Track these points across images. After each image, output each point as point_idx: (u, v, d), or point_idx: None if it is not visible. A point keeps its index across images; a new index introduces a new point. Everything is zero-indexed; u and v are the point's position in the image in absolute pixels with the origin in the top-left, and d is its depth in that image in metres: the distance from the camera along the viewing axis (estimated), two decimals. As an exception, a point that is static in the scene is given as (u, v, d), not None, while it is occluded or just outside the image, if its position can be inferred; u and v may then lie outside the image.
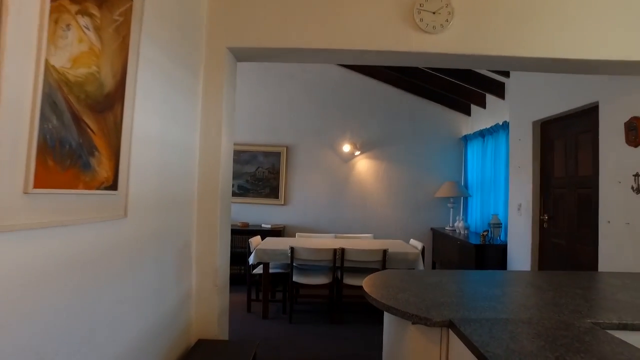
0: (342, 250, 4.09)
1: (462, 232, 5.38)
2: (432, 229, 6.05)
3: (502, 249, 4.43)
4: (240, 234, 5.61)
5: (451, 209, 5.90)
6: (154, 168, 1.77)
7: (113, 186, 1.36)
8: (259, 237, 4.81)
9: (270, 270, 4.37)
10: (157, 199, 1.82)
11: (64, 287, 1.20)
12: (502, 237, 4.64)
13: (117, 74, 1.32)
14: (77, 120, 1.11)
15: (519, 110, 4.10)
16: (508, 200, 4.40)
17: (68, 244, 1.19)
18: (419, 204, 6.13)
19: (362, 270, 4.36)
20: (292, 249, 4.07)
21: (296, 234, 5.16)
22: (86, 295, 1.33)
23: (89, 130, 1.17)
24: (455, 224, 5.54)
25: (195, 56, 2.28)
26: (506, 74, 4.35)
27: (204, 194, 2.32)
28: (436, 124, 6.17)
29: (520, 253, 4.00)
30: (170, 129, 1.96)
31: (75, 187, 1.14)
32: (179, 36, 2.04)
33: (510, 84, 4.31)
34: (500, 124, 4.80)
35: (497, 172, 4.90)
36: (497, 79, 4.90)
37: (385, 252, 4.09)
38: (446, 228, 5.84)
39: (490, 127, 5.08)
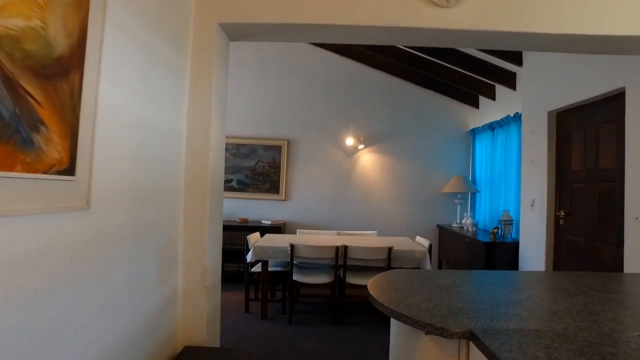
0: (345, 247, 3.87)
1: (470, 229, 5.14)
2: (438, 225, 5.82)
3: (514, 248, 4.18)
4: (240, 230, 5.40)
5: (458, 205, 5.65)
6: (128, 152, 1.53)
7: (69, 170, 1.13)
8: (257, 233, 4.59)
9: (270, 269, 4.16)
10: (133, 188, 1.59)
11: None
12: (513, 235, 4.40)
13: (72, 35, 1.09)
14: (11, 84, 0.89)
15: (532, 100, 3.85)
16: (520, 195, 4.15)
17: (1, 241, 0.97)
18: (424, 199, 5.89)
19: (366, 269, 4.14)
20: (292, 246, 3.85)
21: (297, 230, 4.94)
22: (32, 305, 1.10)
23: (30, 99, 0.95)
24: (463, 221, 5.30)
25: (181, 31, 2.04)
26: (518, 61, 4.10)
27: (192, 185, 2.08)
28: (443, 116, 5.92)
29: (534, 252, 3.76)
30: (150, 110, 1.72)
31: (10, 169, 0.91)
32: (162, 5, 1.81)
33: (523, 72, 4.06)
34: (512, 115, 4.55)
35: (508, 167, 4.66)
36: (508, 68, 4.64)
37: (390, 250, 3.87)
38: (453, 225, 5.60)
39: (501, 119, 4.83)
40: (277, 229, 5.42)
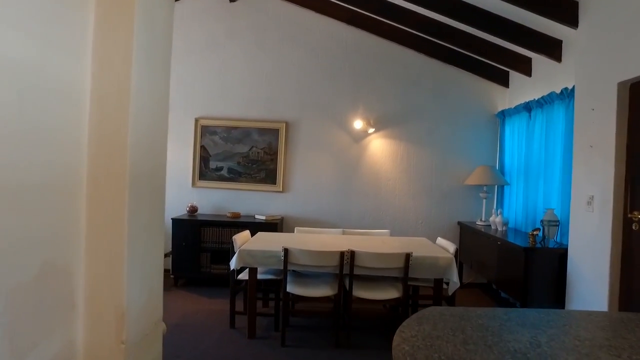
0: (352, 253, 3.11)
1: (499, 229, 4.36)
2: (459, 223, 5.04)
3: (560, 255, 3.40)
4: (229, 227, 4.66)
5: (484, 200, 4.86)
6: None
7: None
8: (247, 232, 3.85)
9: (259, 276, 3.42)
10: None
11: None
12: (557, 239, 3.61)
13: None
14: None
15: (594, 69, 3.03)
16: (569, 190, 3.35)
17: None
18: (444, 192, 5.10)
19: (378, 279, 3.39)
20: (285, 251, 3.10)
21: (295, 228, 4.19)
22: None
23: None
24: (491, 219, 4.51)
25: None
26: (573, 21, 3.25)
27: (100, 174, 1.29)
28: (467, 96, 5.10)
29: (591, 263, 2.98)
30: (21, 49, 0.96)
31: None
32: None
33: (579, 34, 3.22)
34: (557, 92, 3.72)
35: (550, 155, 3.85)
36: (553, 34, 3.80)
37: (408, 257, 3.11)
38: (477, 222, 4.82)
39: (541, 97, 4.01)
40: (272, 226, 4.66)
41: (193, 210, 5.00)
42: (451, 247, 3.49)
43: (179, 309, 3.94)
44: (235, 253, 3.27)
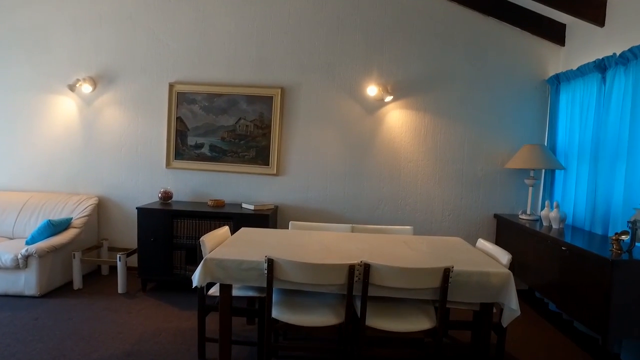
0: (366, 267, 2.15)
1: (554, 226, 3.37)
2: (496, 216, 4.05)
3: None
4: (210, 219, 3.72)
5: (530, 188, 3.86)
6: None
7: None
8: (225, 229, 2.89)
9: (237, 293, 2.48)
10: None
11: None
12: (651, 245, 2.61)
13: None
14: None
15: None
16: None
17: None
18: (478, 178, 4.10)
19: (399, 301, 2.43)
20: (270, 262, 2.14)
21: (289, 223, 3.22)
22: None
23: None
24: (542, 213, 3.51)
25: None
26: None
27: None
28: (509, 57, 4.03)
29: None
30: None
31: None
32: None
33: None
34: (653, 42, 2.66)
35: (638, 131, 2.81)
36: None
37: (448, 273, 2.14)
38: (521, 216, 3.83)
39: (621, 53, 2.95)
40: (262, 218, 3.70)
41: (167, 196, 4.05)
42: (503, 255, 2.50)
43: (138, 327, 3.02)
44: (200, 262, 2.32)
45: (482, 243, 2.84)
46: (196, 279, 2.26)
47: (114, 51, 4.21)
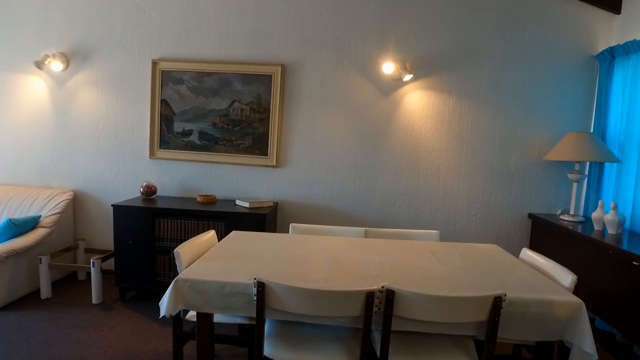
0: (389, 294, 1.59)
1: (610, 231, 2.79)
2: (531, 216, 3.47)
3: None
4: (198, 218, 3.18)
5: (575, 184, 3.27)
6: None
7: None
8: (211, 234, 2.35)
9: (218, 320, 1.95)
10: None
11: None
12: None
13: None
14: None
15: None
16: None
17: None
18: (510, 171, 3.51)
19: (433, 337, 1.88)
20: (260, 286, 1.60)
21: (290, 225, 2.66)
22: None
23: None
24: (594, 214, 2.93)
25: None
26: None
27: None
28: (549, 28, 3.41)
29: None
30: None
31: None
32: None
33: None
34: None
35: None
36: None
37: (499, 302, 1.58)
38: (562, 218, 3.25)
39: None
40: (258, 218, 3.15)
41: (150, 191, 3.51)
42: (564, 274, 1.92)
43: (107, 351, 2.50)
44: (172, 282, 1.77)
45: (527, 253, 2.28)
46: (164, 306, 1.72)
47: (89, 23, 3.63)
